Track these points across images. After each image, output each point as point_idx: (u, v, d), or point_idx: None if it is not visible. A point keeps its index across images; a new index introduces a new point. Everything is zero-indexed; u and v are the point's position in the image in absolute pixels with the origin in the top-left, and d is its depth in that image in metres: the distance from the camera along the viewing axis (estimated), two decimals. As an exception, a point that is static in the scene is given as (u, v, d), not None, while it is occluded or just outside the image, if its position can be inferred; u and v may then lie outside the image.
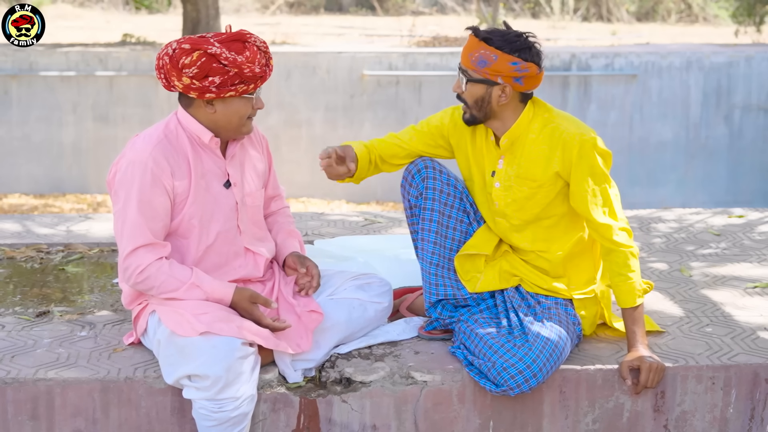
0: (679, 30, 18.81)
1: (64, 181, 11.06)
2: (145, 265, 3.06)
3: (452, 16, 19.24)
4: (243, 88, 3.10)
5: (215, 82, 3.06)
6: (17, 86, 10.83)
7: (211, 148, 3.18)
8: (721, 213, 5.28)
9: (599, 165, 3.24)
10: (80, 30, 16.87)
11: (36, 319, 3.59)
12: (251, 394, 3.04)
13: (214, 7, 12.74)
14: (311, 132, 11.03)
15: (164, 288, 3.08)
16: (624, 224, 3.27)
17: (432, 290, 3.41)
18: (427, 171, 3.39)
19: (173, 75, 3.08)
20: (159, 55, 3.13)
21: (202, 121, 3.15)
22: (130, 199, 3.07)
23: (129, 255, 3.07)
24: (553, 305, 3.34)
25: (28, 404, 3.13)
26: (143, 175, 3.06)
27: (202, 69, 3.04)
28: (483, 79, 3.21)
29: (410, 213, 3.45)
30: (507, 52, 3.17)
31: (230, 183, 3.22)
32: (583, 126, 3.29)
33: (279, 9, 21.84)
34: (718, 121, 11.29)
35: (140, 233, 3.06)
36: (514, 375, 3.10)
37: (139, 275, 3.07)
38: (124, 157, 3.14)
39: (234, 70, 3.05)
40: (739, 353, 3.37)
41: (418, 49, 11.69)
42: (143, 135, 3.17)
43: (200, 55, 3.04)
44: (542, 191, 3.30)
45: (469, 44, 3.24)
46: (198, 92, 3.08)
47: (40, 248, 4.43)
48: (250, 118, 3.18)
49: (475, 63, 3.20)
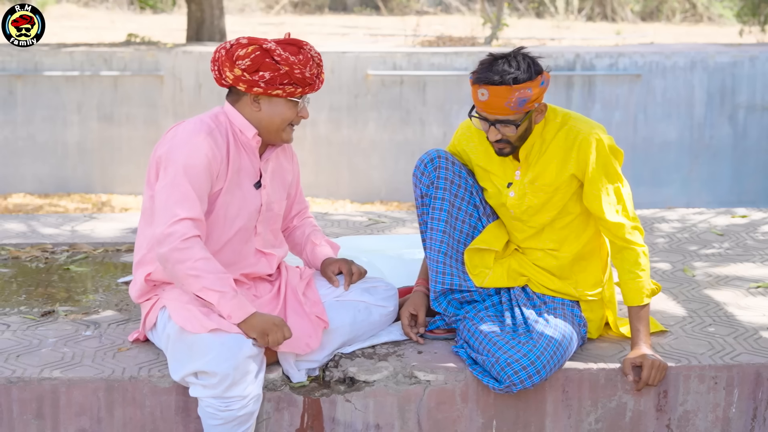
0: (684, 30, 18.79)
1: (68, 181, 11.06)
2: (191, 236, 3.03)
3: (457, 16, 19.22)
4: (290, 89, 3.14)
5: (265, 77, 3.11)
6: (22, 86, 10.84)
7: (252, 145, 3.21)
8: (724, 213, 5.29)
9: (613, 164, 3.26)
10: (85, 30, 16.88)
11: (41, 318, 3.61)
12: (257, 394, 3.05)
13: (218, 7, 12.74)
14: (315, 132, 11.02)
15: (197, 267, 3.01)
16: (636, 223, 3.28)
17: (438, 279, 3.40)
18: (439, 161, 3.40)
19: (226, 66, 3.13)
20: (217, 48, 3.21)
21: (246, 119, 3.19)
22: (181, 174, 3.07)
23: (177, 222, 3.04)
24: (559, 305, 3.35)
25: (33, 403, 3.14)
26: (198, 156, 3.09)
27: (254, 62, 3.11)
28: (525, 114, 3.19)
29: (421, 202, 3.45)
30: (534, 78, 3.15)
31: (260, 184, 3.25)
32: (596, 124, 3.30)
33: (283, 9, 21.84)
34: (722, 121, 11.27)
35: (190, 206, 3.06)
36: (517, 370, 3.10)
37: (182, 242, 3.01)
38: (176, 137, 3.13)
39: (285, 69, 3.11)
40: (742, 353, 3.37)
41: (422, 49, 11.68)
42: (192, 122, 3.18)
43: (255, 48, 3.12)
44: (558, 194, 3.31)
45: (498, 95, 3.13)
46: (247, 85, 3.13)
47: (44, 248, 4.44)
48: (292, 125, 3.23)
49: (515, 107, 3.15)
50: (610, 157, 3.26)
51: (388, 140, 10.97)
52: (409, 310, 3.45)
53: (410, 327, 3.43)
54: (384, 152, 11.01)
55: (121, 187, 11.00)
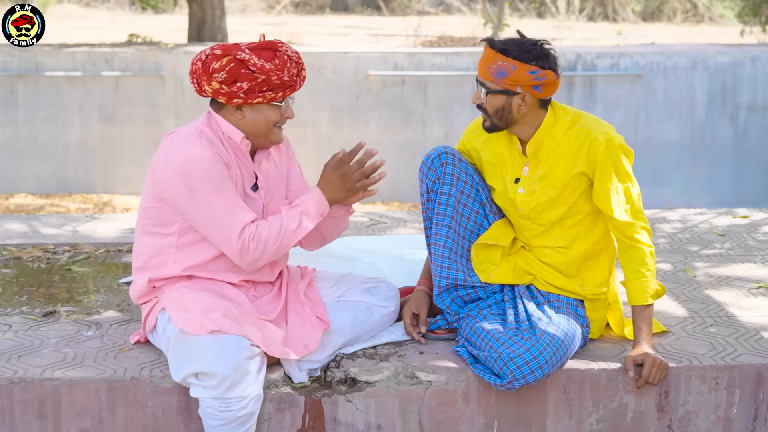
0: (685, 30, 18.79)
1: (70, 181, 11.07)
2: (253, 231, 3.10)
3: (458, 16, 19.22)
4: (271, 95, 3.13)
5: (243, 87, 3.09)
6: (24, 86, 10.85)
7: (242, 149, 3.20)
8: (726, 213, 5.29)
9: (623, 163, 3.28)
10: (86, 30, 16.88)
11: (42, 319, 3.61)
12: (258, 394, 3.05)
13: (219, 7, 12.75)
14: (316, 132, 11.03)
15: (284, 234, 3.13)
16: (644, 223, 3.29)
17: (443, 273, 3.40)
18: (446, 157, 3.41)
19: (204, 79, 3.12)
20: (193, 60, 3.19)
21: (232, 125, 3.18)
22: (211, 186, 3.07)
23: (239, 235, 3.09)
24: (563, 304, 3.36)
25: (35, 403, 3.15)
26: (215, 165, 3.09)
27: (230, 74, 3.09)
28: (502, 90, 3.22)
29: (426, 198, 3.45)
30: (525, 62, 3.18)
31: (257, 186, 3.25)
32: (606, 124, 3.32)
33: (284, 9, 21.84)
34: (723, 121, 11.27)
35: (236, 213, 3.09)
36: (520, 365, 3.11)
37: (253, 242, 3.10)
38: (180, 153, 3.10)
39: (262, 77, 3.09)
40: (743, 353, 3.37)
41: (423, 49, 11.68)
42: (185, 132, 3.17)
43: (229, 60, 3.09)
44: (567, 191, 3.32)
45: (486, 56, 3.24)
46: (226, 97, 3.12)
47: (46, 248, 4.44)
48: (278, 126, 3.21)
49: (493, 75, 3.21)
50: (620, 156, 3.28)
51: (390, 140, 10.98)
52: (411, 309, 3.45)
53: (412, 326, 3.43)
54: (385, 152, 10.96)
55: (123, 188, 11.01)
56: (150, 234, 3.21)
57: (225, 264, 3.21)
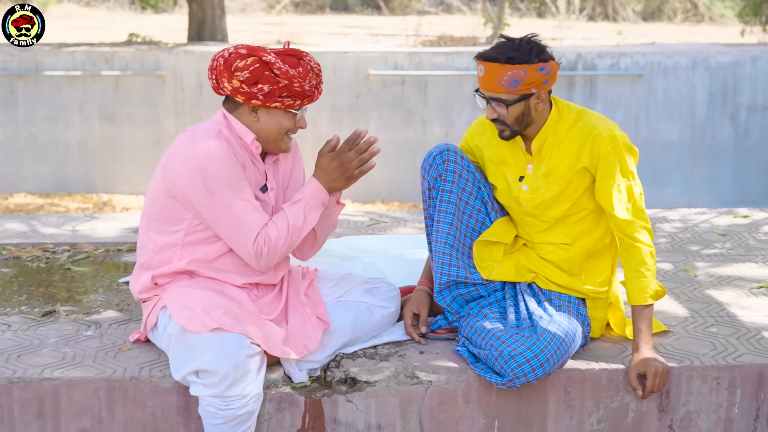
0: (685, 30, 18.79)
1: (70, 181, 11.07)
2: (265, 237, 3.12)
3: (458, 16, 19.22)
4: (289, 102, 3.13)
5: (263, 90, 3.09)
6: (23, 86, 10.85)
7: (252, 151, 3.20)
8: (726, 213, 5.28)
9: (626, 161, 3.27)
10: (86, 29, 16.88)
11: (42, 318, 3.60)
12: (258, 393, 3.05)
13: (219, 7, 12.75)
14: (316, 131, 11.02)
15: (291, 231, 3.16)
16: (645, 223, 3.28)
17: (444, 270, 3.39)
18: (448, 154, 3.40)
19: (224, 77, 3.11)
20: (214, 56, 3.18)
21: (244, 125, 3.18)
22: (229, 187, 3.09)
23: (254, 240, 3.12)
24: (564, 303, 3.35)
25: (34, 403, 3.14)
26: (233, 165, 3.09)
27: (253, 74, 3.08)
28: (520, 97, 3.22)
29: (428, 195, 3.45)
30: (532, 63, 3.18)
31: (267, 187, 3.25)
32: (610, 122, 3.32)
33: (284, 8, 21.85)
34: (723, 120, 11.26)
35: (252, 215, 3.12)
36: (521, 363, 3.10)
37: (267, 246, 3.12)
38: (197, 152, 3.09)
39: (284, 82, 3.09)
40: (744, 353, 3.37)
41: (423, 49, 11.68)
42: (203, 130, 3.16)
43: (254, 60, 3.09)
44: (571, 187, 3.31)
45: (491, 71, 3.20)
46: (245, 97, 3.11)
47: (46, 248, 4.44)
48: (289, 135, 3.22)
49: (507, 86, 3.19)
50: (623, 153, 3.27)
51: (390, 140, 10.97)
52: (411, 309, 3.44)
53: (412, 326, 3.42)
54: (385, 152, 10.96)
55: (122, 187, 11.01)
56: (156, 230, 3.20)
57: (231, 263, 3.21)
